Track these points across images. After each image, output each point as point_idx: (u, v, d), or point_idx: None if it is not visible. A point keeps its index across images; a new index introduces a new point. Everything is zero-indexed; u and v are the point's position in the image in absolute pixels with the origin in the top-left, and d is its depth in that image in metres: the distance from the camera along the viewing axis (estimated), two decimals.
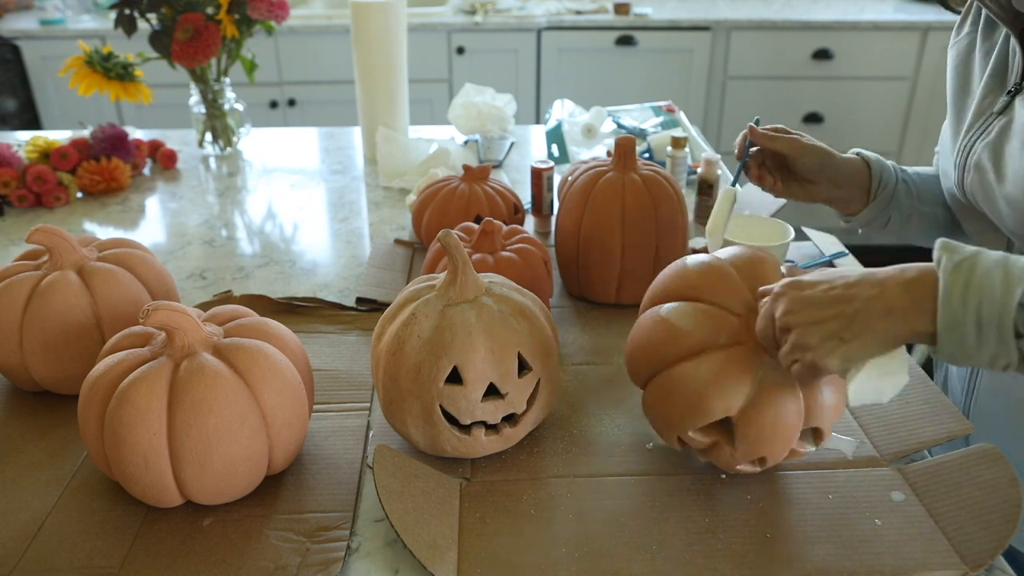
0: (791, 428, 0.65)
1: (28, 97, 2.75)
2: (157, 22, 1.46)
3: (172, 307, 0.65)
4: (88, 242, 0.86)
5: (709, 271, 0.69)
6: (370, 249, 1.19)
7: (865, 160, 0.91)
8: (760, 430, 0.64)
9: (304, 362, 0.74)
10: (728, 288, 0.68)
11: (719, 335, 0.65)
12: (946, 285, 0.55)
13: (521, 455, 0.76)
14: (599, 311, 1.02)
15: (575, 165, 1.04)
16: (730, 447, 0.67)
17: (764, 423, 0.64)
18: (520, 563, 0.64)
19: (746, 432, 0.65)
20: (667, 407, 0.68)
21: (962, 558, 0.63)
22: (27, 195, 1.33)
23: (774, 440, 0.65)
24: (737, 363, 0.64)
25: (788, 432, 0.65)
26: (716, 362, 0.64)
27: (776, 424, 0.64)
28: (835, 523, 0.67)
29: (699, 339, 0.66)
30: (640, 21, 2.72)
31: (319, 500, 0.70)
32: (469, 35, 2.71)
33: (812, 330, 0.58)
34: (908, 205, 0.92)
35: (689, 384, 0.65)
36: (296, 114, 2.81)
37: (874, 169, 0.90)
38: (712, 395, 0.64)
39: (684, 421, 0.66)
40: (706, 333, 0.66)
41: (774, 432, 0.65)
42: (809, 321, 0.58)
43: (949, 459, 0.71)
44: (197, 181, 1.49)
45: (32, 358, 0.79)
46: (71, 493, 0.71)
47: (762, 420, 0.64)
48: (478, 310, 0.70)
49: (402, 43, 1.51)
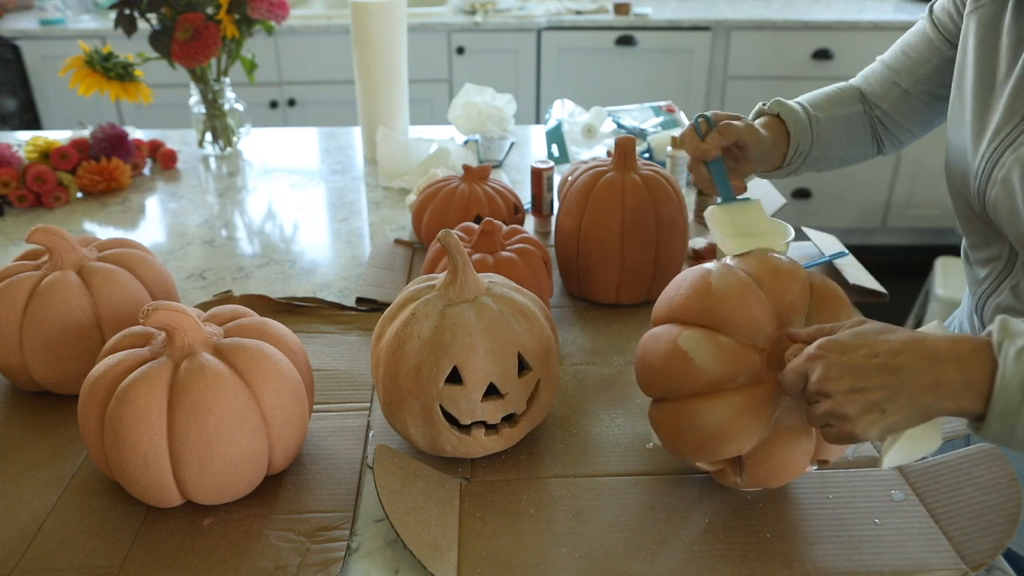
0: (800, 466, 0.65)
1: (28, 97, 2.75)
2: (157, 22, 1.46)
3: (172, 307, 0.65)
4: (88, 242, 0.86)
5: (733, 294, 0.64)
6: (370, 249, 1.20)
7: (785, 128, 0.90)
8: (770, 469, 0.64)
9: (304, 362, 0.74)
10: (752, 316, 0.63)
11: (739, 375, 0.62)
12: (1006, 373, 0.52)
13: (521, 455, 0.76)
14: (599, 311, 1.02)
15: (575, 165, 1.04)
16: (736, 476, 0.67)
17: (775, 463, 0.64)
18: (520, 563, 0.64)
19: (755, 470, 0.64)
20: (676, 436, 0.66)
21: (962, 558, 0.63)
22: (27, 195, 1.33)
23: (781, 476, 0.65)
24: (754, 405, 0.61)
25: (797, 470, 0.65)
26: (733, 406, 0.61)
27: (787, 464, 0.64)
28: (835, 523, 0.67)
29: (717, 378, 0.62)
30: (640, 21, 2.72)
31: (319, 500, 0.70)
32: (469, 35, 2.71)
33: (852, 399, 0.55)
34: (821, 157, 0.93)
35: (702, 424, 0.62)
36: (296, 114, 2.81)
37: (792, 141, 0.89)
38: (725, 439, 0.62)
39: (695, 453, 0.65)
40: (725, 372, 0.61)
41: (783, 470, 0.65)
42: (849, 390, 0.55)
43: (949, 459, 0.71)
44: (197, 181, 1.49)
45: (32, 358, 0.79)
46: (71, 493, 0.71)
47: (773, 460, 0.63)
48: (478, 310, 0.70)
49: (402, 43, 1.51)
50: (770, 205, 1.24)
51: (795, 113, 0.90)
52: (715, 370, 0.62)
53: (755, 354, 0.62)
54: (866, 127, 0.96)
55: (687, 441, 0.65)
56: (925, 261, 2.64)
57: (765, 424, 0.62)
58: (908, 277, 2.81)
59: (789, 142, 0.90)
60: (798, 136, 0.90)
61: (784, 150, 0.90)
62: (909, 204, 3.00)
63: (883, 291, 1.04)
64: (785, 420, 0.62)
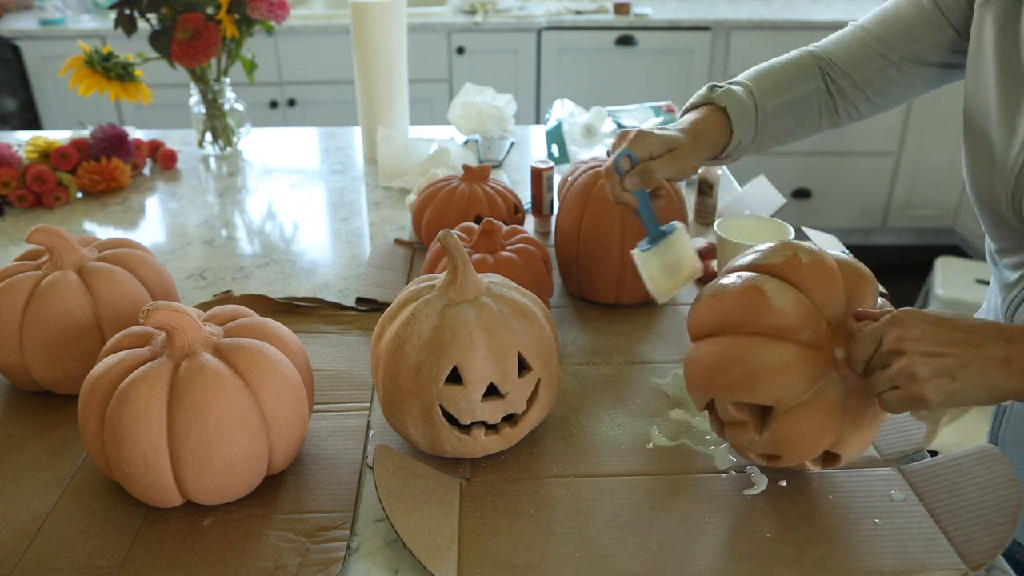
0: (820, 445, 0.65)
1: (28, 97, 2.75)
2: (157, 22, 1.46)
3: (172, 307, 0.65)
4: (88, 242, 0.86)
5: (819, 265, 0.66)
6: (370, 249, 1.20)
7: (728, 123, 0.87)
8: (794, 433, 0.64)
9: (304, 362, 0.74)
10: (830, 291, 0.65)
11: (803, 331, 0.63)
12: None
13: (521, 455, 0.76)
14: (599, 311, 1.02)
15: (575, 165, 1.04)
16: (755, 433, 0.66)
17: (801, 429, 0.64)
18: (520, 563, 0.64)
19: (780, 428, 0.64)
20: (723, 368, 0.65)
21: (962, 558, 0.63)
22: (27, 195, 1.33)
23: (799, 447, 0.65)
24: (808, 364, 0.63)
25: (815, 446, 0.65)
26: (791, 353, 0.63)
27: (810, 435, 0.64)
28: (835, 523, 0.67)
29: (785, 325, 0.63)
30: (640, 21, 2.72)
31: (319, 500, 0.70)
32: (469, 35, 2.71)
33: (926, 361, 0.57)
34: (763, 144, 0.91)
35: (756, 359, 0.63)
36: (296, 114, 2.81)
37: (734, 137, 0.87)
38: (773, 379, 0.63)
39: (733, 389, 0.65)
40: (793, 322, 0.63)
41: (804, 440, 0.64)
42: (926, 351, 0.57)
43: (949, 459, 0.71)
44: (197, 181, 1.49)
45: (32, 358, 0.79)
46: (71, 493, 0.71)
47: (801, 425, 0.63)
48: (478, 310, 0.70)
49: (402, 43, 1.51)
50: (770, 205, 1.24)
51: (741, 106, 0.87)
52: (788, 313, 0.63)
53: (823, 322, 0.64)
54: (819, 105, 0.92)
55: (731, 375, 0.64)
56: (925, 261, 2.64)
57: (809, 387, 0.63)
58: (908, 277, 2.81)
59: (731, 136, 0.87)
60: (741, 131, 0.87)
61: (725, 141, 0.87)
62: (909, 204, 3.00)
63: (883, 291, 1.04)
64: (827, 392, 0.63)
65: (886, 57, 0.87)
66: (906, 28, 0.85)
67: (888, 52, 0.87)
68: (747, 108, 0.88)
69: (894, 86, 0.89)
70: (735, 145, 0.88)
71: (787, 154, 2.91)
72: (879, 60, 0.87)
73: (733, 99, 0.87)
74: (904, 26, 0.85)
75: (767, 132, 0.90)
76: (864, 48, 0.89)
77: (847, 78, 0.90)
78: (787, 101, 0.90)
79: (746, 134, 0.88)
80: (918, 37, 0.85)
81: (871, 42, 0.88)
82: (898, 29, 0.86)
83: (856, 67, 0.89)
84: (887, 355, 0.59)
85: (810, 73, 0.91)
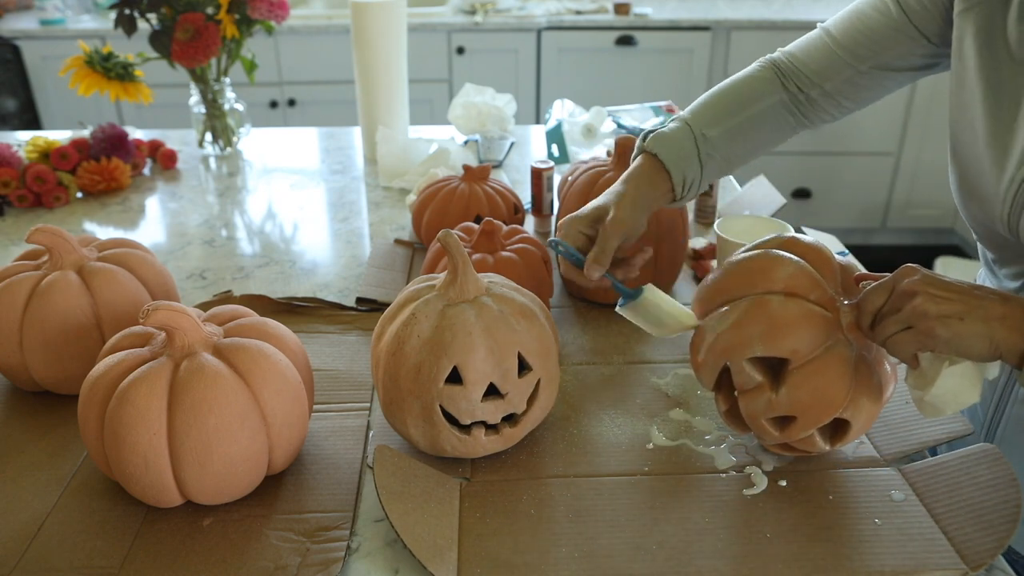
0: (833, 403, 0.66)
1: (28, 97, 2.75)
2: (157, 22, 1.46)
3: (172, 307, 0.65)
4: (88, 242, 0.86)
5: (815, 247, 0.72)
6: (370, 249, 1.20)
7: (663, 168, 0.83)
8: (809, 388, 0.66)
9: (304, 362, 0.74)
10: (827, 268, 0.71)
11: (812, 293, 0.68)
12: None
13: (521, 455, 0.76)
14: (599, 311, 1.02)
15: (575, 165, 1.04)
16: (772, 393, 0.67)
17: (816, 384, 0.66)
18: (520, 563, 0.64)
19: (797, 383, 0.66)
20: (742, 325, 0.68)
21: (962, 558, 0.63)
22: (27, 195, 1.33)
23: (812, 404, 0.66)
24: (819, 321, 0.67)
25: (829, 405, 0.66)
26: (804, 308, 0.67)
27: (825, 391, 0.66)
28: (835, 523, 0.67)
29: (796, 284, 0.68)
30: (640, 21, 2.72)
31: (319, 500, 0.70)
32: (469, 35, 2.71)
33: (937, 300, 0.61)
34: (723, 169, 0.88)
35: (774, 312, 0.67)
36: (296, 114, 2.81)
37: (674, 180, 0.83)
38: (790, 331, 0.66)
39: (753, 343, 0.67)
40: (803, 282, 0.68)
41: (819, 397, 0.66)
42: (936, 295, 0.61)
43: (949, 459, 0.71)
44: (197, 181, 1.49)
45: (32, 358, 0.79)
46: (71, 493, 0.71)
47: (815, 380, 0.66)
48: (478, 310, 0.70)
49: (402, 43, 1.51)
50: (770, 205, 1.24)
51: (674, 146, 0.84)
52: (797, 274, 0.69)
53: (827, 288, 0.69)
54: (785, 114, 0.89)
55: (751, 329, 0.67)
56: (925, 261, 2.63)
57: (821, 342, 0.66)
58: None
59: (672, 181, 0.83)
60: (681, 171, 0.83)
61: (669, 184, 0.84)
62: (909, 204, 3.00)
63: None
64: (837, 349, 0.66)
65: (855, 67, 0.84)
66: (875, 39, 0.82)
67: (857, 63, 0.83)
68: (682, 146, 0.84)
69: (865, 91, 0.86)
70: (682, 184, 0.84)
71: (787, 154, 2.91)
72: (848, 70, 0.84)
73: (663, 142, 0.84)
74: (873, 36, 0.82)
75: (724, 157, 0.86)
76: (832, 58, 0.85)
77: (816, 87, 0.86)
78: (742, 121, 0.87)
79: (689, 171, 0.84)
80: (888, 47, 0.81)
81: (839, 52, 0.84)
82: (866, 39, 0.82)
83: (825, 77, 0.85)
84: (900, 298, 0.63)
85: (770, 86, 0.88)
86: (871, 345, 0.69)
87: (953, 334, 0.60)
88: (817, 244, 0.72)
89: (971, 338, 0.60)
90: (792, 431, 0.68)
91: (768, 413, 0.68)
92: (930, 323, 0.60)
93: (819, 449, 0.70)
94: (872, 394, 0.67)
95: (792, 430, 0.68)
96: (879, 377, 0.68)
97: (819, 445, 0.70)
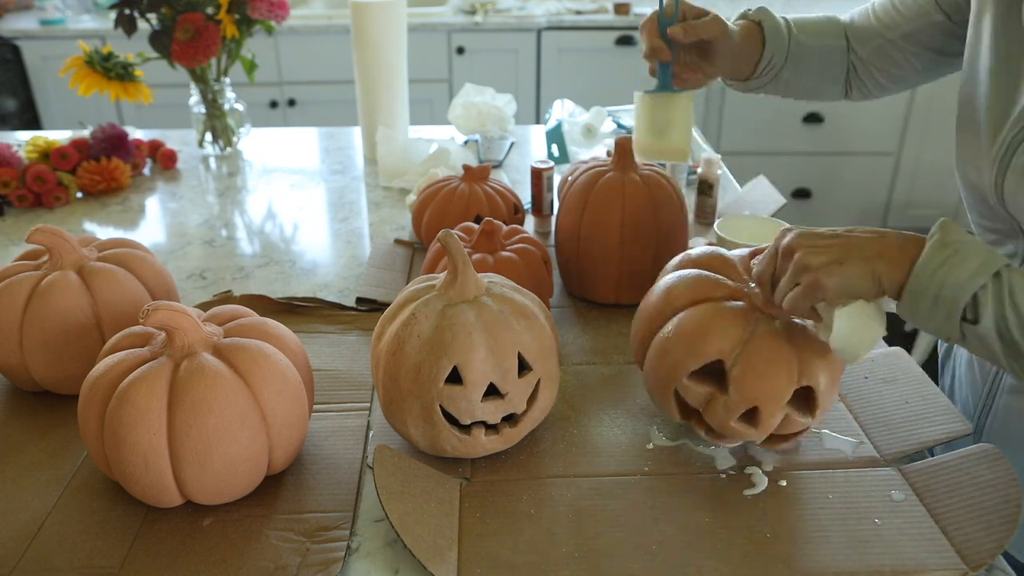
0: (782, 378, 0.67)
1: (28, 97, 2.75)
2: (157, 22, 1.46)
3: (172, 307, 0.65)
4: (88, 242, 0.86)
5: (713, 256, 0.76)
6: (370, 249, 1.20)
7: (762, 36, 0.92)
8: (752, 370, 0.67)
9: (304, 362, 0.74)
10: (730, 269, 0.74)
11: (716, 293, 0.72)
12: (926, 256, 0.61)
13: (521, 455, 0.76)
14: (599, 311, 1.02)
15: (575, 165, 1.04)
16: (724, 396, 0.68)
17: (757, 368, 0.67)
18: (520, 563, 0.64)
19: (740, 377, 0.67)
20: (665, 358, 0.71)
21: (962, 558, 0.63)
22: (27, 195, 1.33)
23: (764, 388, 0.67)
24: (732, 314, 0.69)
25: (778, 381, 0.67)
26: (711, 308, 0.70)
27: (766, 371, 0.67)
28: (835, 523, 0.67)
29: (696, 293, 0.72)
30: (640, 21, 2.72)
31: (319, 500, 0.70)
32: (469, 35, 2.71)
33: (815, 251, 0.64)
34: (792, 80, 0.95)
35: (686, 326, 0.70)
36: (296, 114, 2.81)
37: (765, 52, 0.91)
38: (708, 333, 0.68)
39: (684, 361, 0.69)
40: (702, 290, 0.72)
41: (764, 379, 0.67)
42: (813, 245, 0.64)
43: (949, 459, 0.71)
44: (197, 181, 1.49)
45: (32, 358, 0.79)
46: (71, 493, 0.71)
47: (755, 365, 0.67)
48: (478, 310, 0.70)
49: (402, 43, 1.51)
50: (770, 205, 1.24)
51: (776, 26, 0.92)
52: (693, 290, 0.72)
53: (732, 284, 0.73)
54: (842, 66, 0.96)
55: (675, 356, 0.70)
56: None
57: (744, 330, 0.68)
58: None
59: (763, 52, 0.91)
60: (773, 48, 0.91)
61: (756, 59, 0.92)
62: (909, 204, 3.00)
63: None
64: (762, 328, 0.68)
65: (884, 35, 0.92)
66: (903, 10, 0.90)
67: (886, 31, 0.92)
68: (781, 32, 0.92)
69: (894, 66, 0.93)
70: (767, 62, 0.92)
71: (787, 154, 2.91)
72: (878, 38, 0.92)
73: (768, 18, 0.92)
74: (902, 8, 0.90)
75: (798, 66, 0.93)
76: (868, 24, 0.94)
77: (854, 52, 0.95)
78: (818, 45, 0.94)
79: (778, 55, 0.92)
80: (912, 18, 0.89)
81: (874, 19, 0.93)
82: (895, 9, 0.91)
83: (861, 42, 0.94)
84: (784, 259, 0.66)
85: (838, 32, 0.95)
86: None
87: (838, 279, 0.63)
88: (709, 250, 0.77)
89: (855, 279, 0.63)
90: (763, 421, 0.68)
91: (731, 415, 0.69)
92: (814, 275, 0.63)
93: (804, 425, 0.71)
94: (819, 351, 0.69)
95: (763, 420, 0.68)
96: None
97: (800, 422, 0.70)
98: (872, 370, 0.87)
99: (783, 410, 0.68)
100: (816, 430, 0.78)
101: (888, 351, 0.90)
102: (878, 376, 0.86)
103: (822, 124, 2.85)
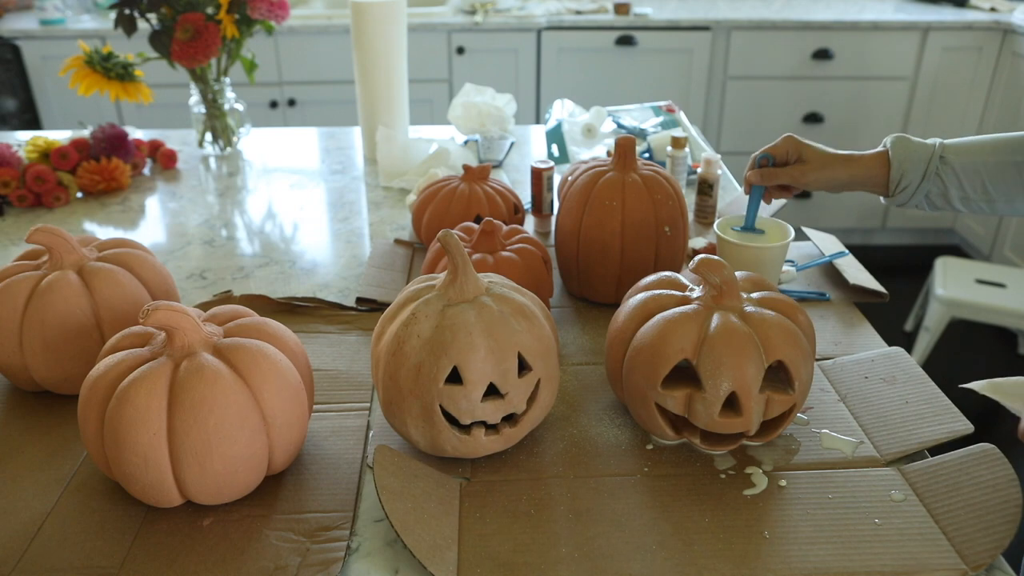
0: (750, 357, 0.69)
1: (28, 97, 2.75)
2: (157, 22, 1.46)
3: (172, 307, 0.65)
4: (88, 242, 0.86)
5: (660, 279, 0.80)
6: (370, 249, 1.20)
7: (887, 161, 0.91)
8: (718, 359, 0.69)
9: (304, 362, 0.74)
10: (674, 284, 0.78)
11: (667, 303, 0.75)
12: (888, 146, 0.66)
13: (521, 455, 0.76)
14: (599, 311, 1.02)
15: (575, 165, 1.04)
16: (701, 393, 0.70)
17: (720, 352, 0.69)
18: (520, 563, 0.64)
19: (708, 368, 0.69)
20: (636, 375, 0.73)
21: (962, 558, 0.63)
22: (27, 195, 1.33)
23: (734, 368, 0.68)
24: (685, 315, 0.72)
25: (747, 360, 0.68)
26: (665, 316, 0.73)
27: (731, 352, 0.68)
28: (835, 523, 0.67)
29: (648, 309, 0.75)
30: (640, 21, 2.72)
31: (319, 500, 0.70)
32: (469, 35, 2.71)
33: None
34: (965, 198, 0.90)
35: (645, 340, 0.72)
36: (296, 114, 2.81)
37: (892, 172, 0.90)
38: (666, 337, 0.71)
39: (654, 375, 0.71)
40: (653, 306, 0.75)
41: (731, 358, 0.68)
42: None
43: (949, 459, 0.71)
44: (197, 181, 1.49)
45: (32, 358, 0.79)
46: (71, 493, 0.71)
47: (718, 351, 0.69)
48: (478, 310, 0.70)
49: (402, 43, 1.51)
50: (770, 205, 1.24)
51: (907, 148, 0.90)
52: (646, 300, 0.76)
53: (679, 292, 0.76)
54: None
55: (644, 369, 0.72)
56: (925, 261, 2.64)
57: (699, 326, 0.71)
58: (908, 277, 2.81)
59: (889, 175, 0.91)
60: (902, 167, 0.90)
61: (884, 177, 0.92)
62: None
63: (883, 291, 1.04)
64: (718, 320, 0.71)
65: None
66: None
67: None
68: (915, 151, 0.90)
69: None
70: (896, 183, 0.91)
71: None
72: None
73: (900, 141, 0.92)
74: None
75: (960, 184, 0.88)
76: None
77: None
78: (995, 162, 0.87)
79: (912, 173, 0.90)
80: None
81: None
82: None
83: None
84: None
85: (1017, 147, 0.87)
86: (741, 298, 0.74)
87: None
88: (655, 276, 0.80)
89: None
90: (745, 408, 0.69)
91: (713, 410, 0.70)
92: None
93: (789, 402, 0.72)
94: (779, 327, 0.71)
95: (745, 407, 0.69)
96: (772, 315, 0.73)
97: (783, 399, 0.71)
98: (872, 370, 0.87)
99: (762, 393, 0.70)
100: (816, 430, 0.78)
101: (888, 351, 0.90)
102: (878, 376, 0.86)
103: (822, 123, 2.85)
